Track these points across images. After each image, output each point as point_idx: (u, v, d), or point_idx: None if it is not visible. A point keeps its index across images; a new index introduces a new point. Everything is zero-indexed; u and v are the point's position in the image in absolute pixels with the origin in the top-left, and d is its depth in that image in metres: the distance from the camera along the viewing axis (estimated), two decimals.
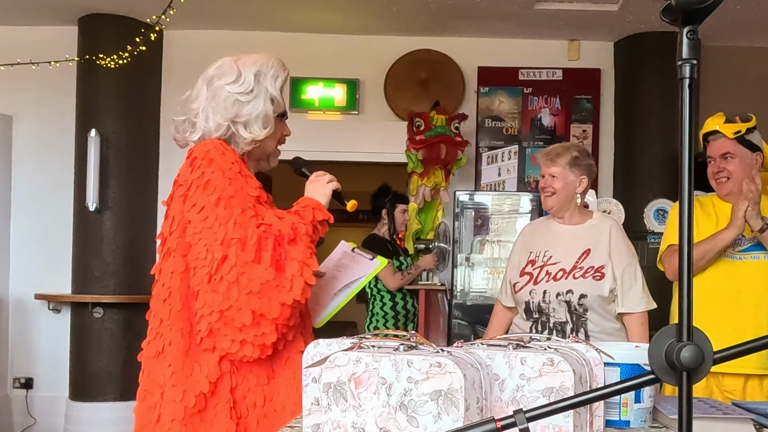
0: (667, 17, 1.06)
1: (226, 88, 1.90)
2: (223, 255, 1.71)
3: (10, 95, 5.65)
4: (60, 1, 5.26)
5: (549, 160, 2.86)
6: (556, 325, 2.78)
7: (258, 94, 1.91)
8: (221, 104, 1.89)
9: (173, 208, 1.84)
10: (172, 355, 1.77)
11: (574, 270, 2.78)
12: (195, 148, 1.87)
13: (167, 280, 1.81)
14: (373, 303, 4.73)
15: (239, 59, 1.96)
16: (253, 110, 1.90)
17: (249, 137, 1.91)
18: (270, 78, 1.94)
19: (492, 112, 5.74)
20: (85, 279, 5.38)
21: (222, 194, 1.77)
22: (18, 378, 5.59)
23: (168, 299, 1.80)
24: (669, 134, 5.43)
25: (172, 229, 1.82)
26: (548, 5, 5.14)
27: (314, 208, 1.87)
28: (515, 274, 2.90)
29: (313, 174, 2.01)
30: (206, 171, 1.80)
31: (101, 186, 5.34)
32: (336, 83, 5.77)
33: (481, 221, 3.78)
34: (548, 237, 2.90)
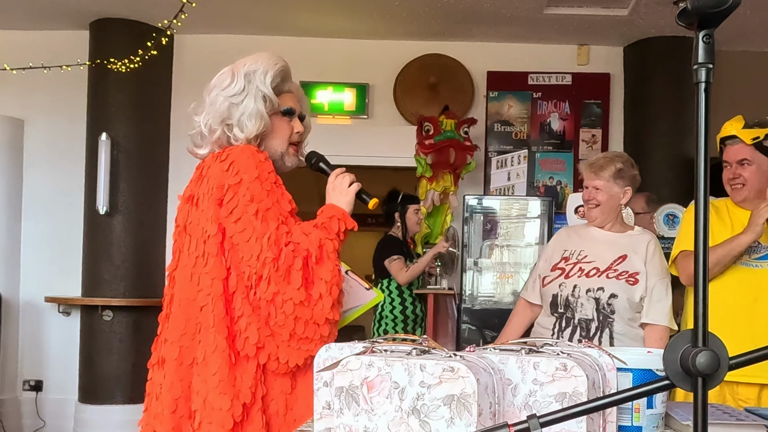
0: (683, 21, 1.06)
1: (221, 94, 1.91)
2: (258, 273, 1.73)
3: (22, 99, 5.69)
4: (72, 6, 5.30)
5: (593, 173, 2.84)
6: (581, 321, 2.75)
7: (248, 93, 1.90)
8: (217, 110, 1.91)
9: (206, 210, 1.81)
10: (218, 363, 1.74)
11: (609, 270, 2.77)
12: (231, 152, 1.85)
13: (207, 286, 1.78)
14: (381, 306, 4.73)
15: (236, 64, 1.96)
16: (244, 110, 1.90)
17: (242, 137, 1.91)
18: (260, 75, 1.92)
19: (501, 116, 5.74)
20: (94, 282, 5.40)
21: (260, 206, 1.77)
22: (28, 380, 5.61)
23: (209, 306, 1.77)
24: (679, 139, 5.42)
25: (209, 233, 1.79)
26: (558, 10, 5.14)
27: (339, 219, 1.87)
28: (546, 269, 2.89)
29: (333, 174, 1.99)
30: (245, 178, 1.79)
31: (111, 189, 5.36)
32: (345, 87, 5.78)
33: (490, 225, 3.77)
34: (586, 239, 2.89)
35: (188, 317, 1.82)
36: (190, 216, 1.88)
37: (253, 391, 1.76)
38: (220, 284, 1.78)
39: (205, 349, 1.77)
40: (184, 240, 1.88)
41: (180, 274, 1.86)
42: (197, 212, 1.85)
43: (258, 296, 1.75)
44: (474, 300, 3.83)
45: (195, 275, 1.82)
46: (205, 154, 1.96)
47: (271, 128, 1.96)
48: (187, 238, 1.87)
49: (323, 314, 1.77)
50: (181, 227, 1.91)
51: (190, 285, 1.82)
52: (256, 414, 1.77)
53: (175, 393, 1.80)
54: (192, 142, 2.00)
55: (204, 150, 1.97)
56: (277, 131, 1.97)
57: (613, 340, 2.73)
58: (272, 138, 1.97)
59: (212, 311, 1.77)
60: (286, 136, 2.00)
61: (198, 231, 1.83)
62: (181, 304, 1.83)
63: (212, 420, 1.74)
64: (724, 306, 2.72)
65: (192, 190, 1.90)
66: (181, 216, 1.92)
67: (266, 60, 1.98)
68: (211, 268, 1.79)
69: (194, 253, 1.83)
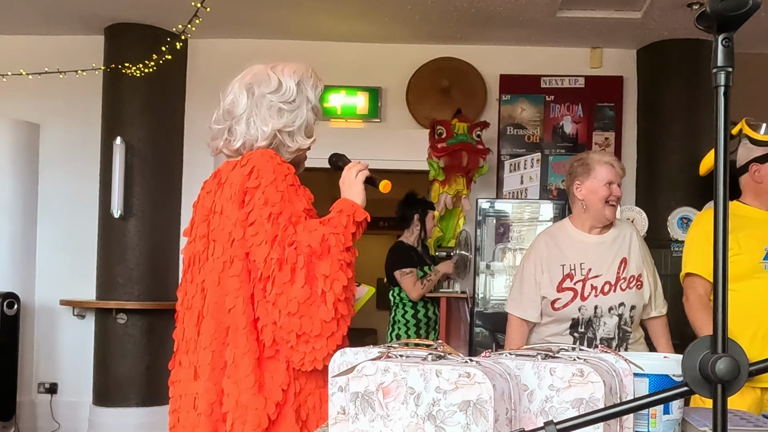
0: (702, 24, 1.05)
1: (269, 97, 1.91)
2: (265, 275, 1.75)
3: (38, 104, 5.73)
4: (87, 11, 5.33)
5: (620, 170, 2.81)
6: (603, 341, 2.71)
7: (301, 103, 1.93)
8: (265, 113, 1.91)
9: (230, 214, 1.82)
10: (250, 364, 1.76)
11: (620, 281, 2.73)
12: (252, 156, 1.85)
13: (235, 289, 1.80)
14: (395, 311, 4.73)
15: (275, 68, 1.96)
16: (297, 119, 1.92)
17: (294, 146, 1.94)
18: (311, 87, 1.96)
19: (514, 119, 5.73)
20: (109, 285, 5.43)
21: (273, 210, 1.79)
22: (43, 383, 5.65)
23: (239, 308, 1.79)
24: (692, 142, 5.39)
25: (235, 237, 1.81)
26: (571, 12, 5.13)
27: (349, 214, 1.86)
28: (551, 290, 2.76)
29: (345, 169, 1.99)
30: (262, 182, 1.81)
31: (126, 193, 5.39)
32: (358, 91, 5.79)
33: (503, 229, 3.77)
34: (577, 248, 2.80)
35: (218, 322, 1.82)
36: (212, 224, 1.89)
37: (284, 389, 1.78)
38: (248, 286, 1.80)
39: (235, 351, 1.79)
40: (209, 248, 1.88)
41: (209, 280, 1.86)
42: (221, 218, 1.86)
43: (265, 298, 1.78)
44: (487, 304, 3.82)
45: (223, 279, 1.83)
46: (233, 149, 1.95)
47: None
48: (212, 245, 1.88)
49: (327, 311, 1.76)
50: (205, 237, 1.90)
51: (219, 289, 1.83)
52: (288, 411, 1.79)
53: (210, 397, 1.80)
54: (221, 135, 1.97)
55: (235, 145, 1.94)
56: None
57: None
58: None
59: (243, 312, 1.79)
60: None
61: (224, 236, 1.84)
62: (211, 310, 1.84)
63: (246, 420, 1.75)
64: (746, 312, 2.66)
65: (212, 200, 1.91)
66: (203, 227, 1.92)
67: (314, 73, 2.01)
68: (238, 270, 1.81)
69: (221, 258, 1.84)
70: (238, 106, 1.94)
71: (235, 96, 1.95)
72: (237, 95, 1.95)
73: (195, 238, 1.96)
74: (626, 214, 3.77)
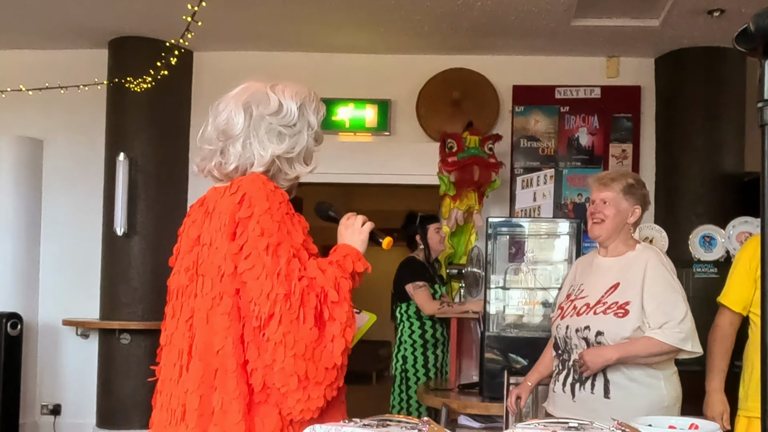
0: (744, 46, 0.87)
1: (268, 119, 1.77)
2: (269, 312, 1.61)
3: (41, 119, 5.65)
4: (91, 24, 5.25)
5: (602, 185, 2.67)
6: (575, 363, 2.57)
7: (302, 128, 1.80)
8: (263, 136, 1.77)
9: (221, 247, 1.69)
10: (240, 411, 1.64)
11: (598, 304, 2.58)
12: (242, 182, 1.72)
13: (224, 328, 1.67)
14: (401, 330, 4.54)
15: (274, 87, 1.82)
16: (297, 145, 1.80)
17: (293, 174, 1.82)
18: (313, 111, 1.83)
19: (527, 131, 5.56)
20: (112, 305, 5.32)
21: (270, 240, 1.66)
22: (46, 404, 5.54)
23: (228, 349, 1.66)
24: (714, 154, 5.20)
25: (224, 272, 1.68)
26: (585, 21, 4.96)
27: (354, 260, 1.78)
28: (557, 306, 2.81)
29: (344, 217, 1.91)
30: (255, 211, 1.67)
31: (129, 210, 5.28)
32: (367, 104, 5.65)
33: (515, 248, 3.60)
34: (588, 270, 2.75)
35: (207, 363, 1.69)
36: (200, 256, 1.75)
37: None
38: (238, 325, 1.66)
39: (223, 396, 1.65)
40: (197, 283, 1.75)
41: (197, 317, 1.73)
42: (210, 251, 1.72)
43: (266, 337, 1.62)
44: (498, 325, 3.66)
45: (212, 317, 1.69)
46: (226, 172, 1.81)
47: None
48: (200, 279, 1.74)
49: (334, 358, 1.67)
50: (191, 271, 1.77)
51: (207, 328, 1.70)
52: None
53: None
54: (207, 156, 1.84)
55: (229, 167, 1.80)
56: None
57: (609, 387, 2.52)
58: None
59: (232, 354, 1.66)
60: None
61: (213, 270, 1.70)
62: (199, 350, 1.70)
63: None
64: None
65: (199, 230, 1.77)
66: (189, 258, 1.79)
67: (315, 96, 1.88)
68: (228, 308, 1.67)
69: (209, 294, 1.71)
70: (234, 126, 1.78)
71: (231, 115, 1.79)
72: (233, 114, 1.79)
73: (180, 270, 1.83)
74: (645, 232, 3.59)
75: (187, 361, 1.74)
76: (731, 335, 2.64)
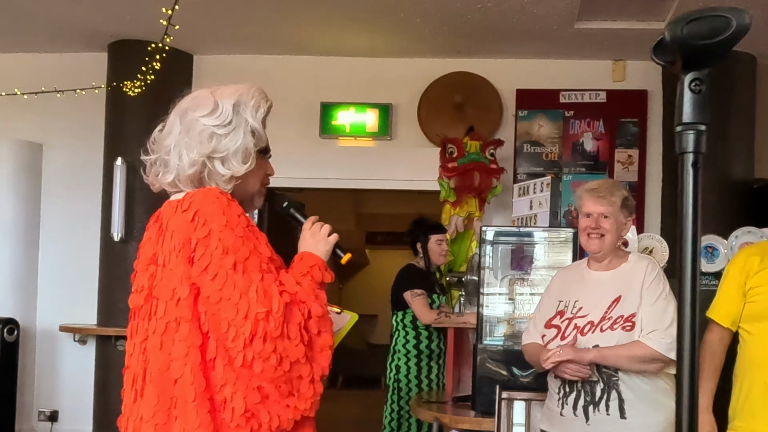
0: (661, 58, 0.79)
1: (201, 121, 1.69)
2: (251, 332, 1.54)
3: (41, 123, 5.63)
4: (90, 28, 5.22)
5: (600, 197, 2.56)
6: (584, 385, 2.51)
7: (237, 126, 1.70)
8: (196, 138, 1.68)
9: (175, 269, 1.61)
10: None
11: (603, 321, 2.51)
12: (193, 198, 1.63)
13: (182, 356, 1.58)
14: (395, 339, 4.45)
15: (216, 90, 1.76)
16: (231, 144, 1.69)
17: (227, 174, 1.70)
18: (251, 109, 1.73)
19: (531, 136, 5.45)
20: (110, 311, 5.28)
21: (237, 257, 1.57)
22: (43, 411, 5.51)
23: (186, 377, 1.58)
24: (722, 159, 5.07)
25: (180, 296, 1.59)
26: (590, 24, 4.84)
27: (322, 270, 1.72)
28: (541, 324, 2.66)
29: (308, 222, 1.82)
30: (213, 228, 1.59)
31: (127, 215, 5.23)
32: (368, 108, 5.56)
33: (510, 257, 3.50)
34: (579, 285, 2.64)
35: (162, 391, 1.60)
36: (155, 277, 1.66)
37: None
38: (197, 352, 1.58)
39: (184, 426, 1.57)
40: (151, 305, 1.66)
41: (151, 342, 1.64)
42: (164, 272, 1.63)
43: (251, 357, 1.54)
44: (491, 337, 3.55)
45: (166, 343, 1.61)
46: (167, 183, 1.74)
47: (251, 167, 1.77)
48: (154, 301, 1.65)
49: (322, 370, 1.63)
50: (146, 291, 1.69)
51: (161, 354, 1.61)
52: None
53: None
54: (152, 169, 1.77)
55: (168, 177, 1.73)
56: (254, 170, 1.77)
57: (624, 407, 2.44)
58: (249, 177, 1.77)
59: (192, 383, 1.57)
60: (261, 175, 1.82)
61: (167, 293, 1.61)
62: (153, 377, 1.62)
63: None
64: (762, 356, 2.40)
65: (154, 248, 1.68)
66: (144, 278, 1.70)
67: (257, 94, 1.78)
68: (185, 334, 1.58)
69: (164, 319, 1.62)
70: (169, 135, 1.72)
71: (169, 124, 1.74)
72: (171, 123, 1.74)
73: (137, 289, 1.75)
74: (644, 242, 3.47)
75: (142, 386, 1.66)
76: (721, 352, 2.52)
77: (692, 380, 0.77)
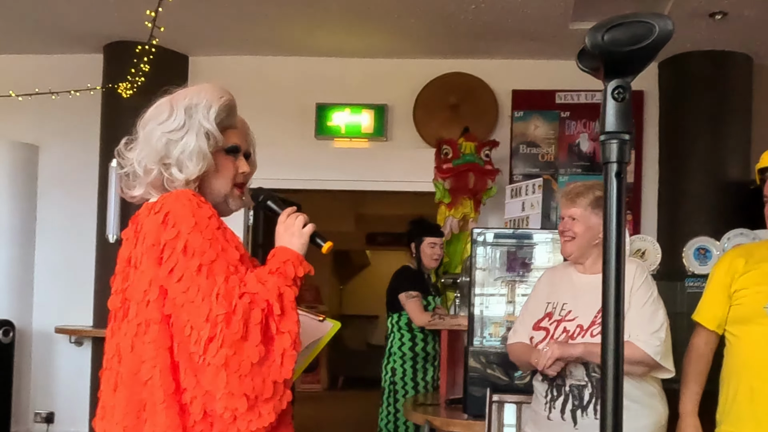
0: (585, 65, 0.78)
1: (158, 129, 1.70)
2: (209, 335, 1.53)
3: (37, 124, 5.63)
4: (85, 29, 5.23)
5: (569, 201, 2.58)
6: (572, 389, 2.49)
7: (189, 129, 1.70)
8: (153, 147, 1.69)
9: (146, 271, 1.62)
10: None
11: (593, 326, 2.49)
12: (165, 200, 1.64)
13: (151, 357, 1.59)
14: (391, 341, 4.44)
15: (175, 95, 1.76)
16: (185, 148, 1.69)
17: (182, 178, 1.70)
18: (202, 109, 1.71)
19: (527, 137, 5.43)
20: (105, 312, 5.15)
21: (203, 260, 1.57)
22: (39, 412, 5.51)
23: (156, 379, 1.58)
24: (718, 160, 5.07)
25: (149, 298, 1.60)
26: (583, 25, 4.82)
27: (294, 264, 1.69)
28: (529, 325, 2.64)
29: (283, 214, 1.80)
30: (182, 230, 1.59)
31: (122, 217, 5.23)
32: (363, 109, 5.55)
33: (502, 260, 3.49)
34: (567, 287, 2.62)
35: (132, 393, 1.61)
36: (129, 278, 1.67)
37: None
38: (166, 354, 1.58)
39: (154, 429, 1.57)
40: (125, 307, 1.67)
41: (123, 344, 1.65)
42: (136, 274, 1.64)
43: (207, 362, 1.53)
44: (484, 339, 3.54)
45: (137, 345, 1.61)
46: (137, 196, 1.76)
47: (214, 168, 1.76)
48: (127, 303, 1.66)
49: (285, 371, 1.59)
50: (121, 293, 1.70)
51: (132, 356, 1.62)
52: None
53: None
54: (122, 182, 1.80)
55: (137, 191, 1.76)
56: (220, 171, 1.77)
57: None
58: (215, 178, 1.77)
59: (161, 385, 1.57)
60: (231, 176, 1.80)
61: (138, 295, 1.62)
62: (125, 379, 1.63)
63: None
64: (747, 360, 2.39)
65: (129, 250, 1.69)
66: (120, 279, 1.71)
67: (210, 93, 1.77)
68: (154, 336, 1.59)
69: (135, 320, 1.62)
70: (133, 147, 1.74)
71: (135, 137, 1.76)
72: (137, 135, 1.75)
73: (115, 291, 1.75)
74: (636, 244, 3.46)
75: (115, 388, 1.67)
76: (707, 355, 2.50)
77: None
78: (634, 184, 5.27)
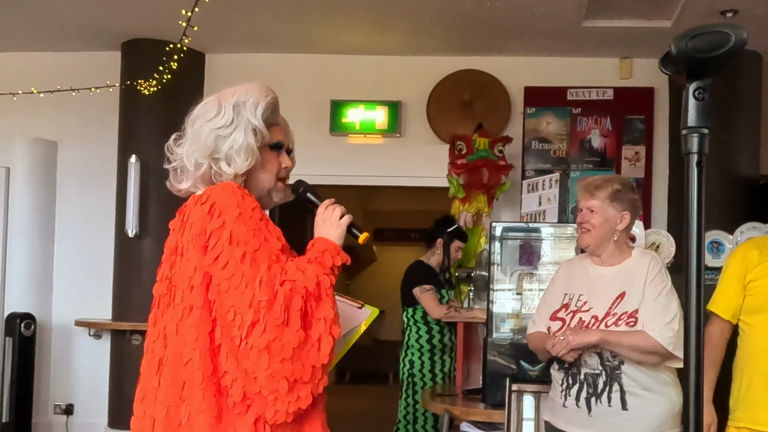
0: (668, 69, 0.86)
1: (207, 125, 1.78)
2: (252, 320, 1.61)
3: (56, 121, 5.71)
4: (104, 27, 5.29)
5: (588, 193, 2.63)
6: (587, 377, 2.55)
7: (238, 125, 1.78)
8: (202, 143, 1.78)
9: (192, 258, 1.70)
10: (205, 424, 1.62)
11: (607, 317, 2.55)
12: (211, 192, 1.73)
13: (192, 340, 1.67)
14: (408, 334, 4.53)
15: (222, 93, 1.84)
16: (233, 143, 1.77)
17: (231, 172, 1.79)
18: (250, 107, 1.79)
19: (539, 133, 5.51)
20: (124, 306, 5.36)
21: (247, 248, 1.65)
22: (59, 404, 5.60)
23: (195, 361, 1.66)
24: (729, 156, 5.12)
25: (194, 283, 1.69)
26: (597, 22, 4.90)
27: (332, 253, 1.77)
28: (546, 316, 2.70)
29: (322, 206, 1.88)
30: (227, 220, 1.68)
31: (141, 212, 5.32)
32: (377, 105, 5.63)
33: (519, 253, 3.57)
34: (584, 279, 2.68)
35: (175, 374, 1.69)
36: (175, 266, 1.76)
37: None
38: (206, 337, 1.66)
39: (190, 408, 1.65)
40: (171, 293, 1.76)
41: (169, 327, 1.73)
42: (182, 261, 1.73)
43: (250, 345, 1.61)
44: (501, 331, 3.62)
45: (181, 329, 1.70)
46: (184, 189, 1.85)
47: (260, 162, 1.84)
48: (173, 289, 1.75)
49: (322, 356, 1.66)
50: (168, 280, 1.78)
51: (177, 339, 1.70)
52: None
53: None
54: (171, 176, 1.88)
55: (184, 185, 1.84)
56: (265, 166, 1.86)
57: (626, 398, 2.50)
58: (261, 173, 1.85)
59: (199, 367, 1.65)
60: (275, 170, 1.89)
61: (184, 281, 1.71)
62: (170, 360, 1.71)
63: None
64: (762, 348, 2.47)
65: (176, 239, 1.78)
66: (167, 267, 1.80)
67: (257, 91, 1.85)
68: (196, 320, 1.67)
69: (180, 305, 1.71)
70: (182, 143, 1.83)
71: (184, 133, 1.84)
72: (185, 132, 1.84)
73: (161, 278, 1.84)
74: (651, 238, 3.53)
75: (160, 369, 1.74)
76: (721, 344, 2.58)
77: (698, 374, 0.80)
78: (644, 179, 5.34)
